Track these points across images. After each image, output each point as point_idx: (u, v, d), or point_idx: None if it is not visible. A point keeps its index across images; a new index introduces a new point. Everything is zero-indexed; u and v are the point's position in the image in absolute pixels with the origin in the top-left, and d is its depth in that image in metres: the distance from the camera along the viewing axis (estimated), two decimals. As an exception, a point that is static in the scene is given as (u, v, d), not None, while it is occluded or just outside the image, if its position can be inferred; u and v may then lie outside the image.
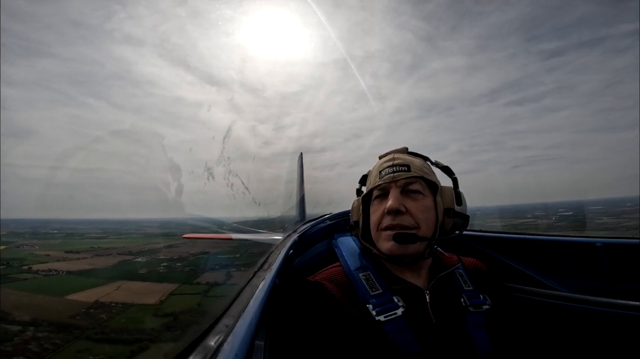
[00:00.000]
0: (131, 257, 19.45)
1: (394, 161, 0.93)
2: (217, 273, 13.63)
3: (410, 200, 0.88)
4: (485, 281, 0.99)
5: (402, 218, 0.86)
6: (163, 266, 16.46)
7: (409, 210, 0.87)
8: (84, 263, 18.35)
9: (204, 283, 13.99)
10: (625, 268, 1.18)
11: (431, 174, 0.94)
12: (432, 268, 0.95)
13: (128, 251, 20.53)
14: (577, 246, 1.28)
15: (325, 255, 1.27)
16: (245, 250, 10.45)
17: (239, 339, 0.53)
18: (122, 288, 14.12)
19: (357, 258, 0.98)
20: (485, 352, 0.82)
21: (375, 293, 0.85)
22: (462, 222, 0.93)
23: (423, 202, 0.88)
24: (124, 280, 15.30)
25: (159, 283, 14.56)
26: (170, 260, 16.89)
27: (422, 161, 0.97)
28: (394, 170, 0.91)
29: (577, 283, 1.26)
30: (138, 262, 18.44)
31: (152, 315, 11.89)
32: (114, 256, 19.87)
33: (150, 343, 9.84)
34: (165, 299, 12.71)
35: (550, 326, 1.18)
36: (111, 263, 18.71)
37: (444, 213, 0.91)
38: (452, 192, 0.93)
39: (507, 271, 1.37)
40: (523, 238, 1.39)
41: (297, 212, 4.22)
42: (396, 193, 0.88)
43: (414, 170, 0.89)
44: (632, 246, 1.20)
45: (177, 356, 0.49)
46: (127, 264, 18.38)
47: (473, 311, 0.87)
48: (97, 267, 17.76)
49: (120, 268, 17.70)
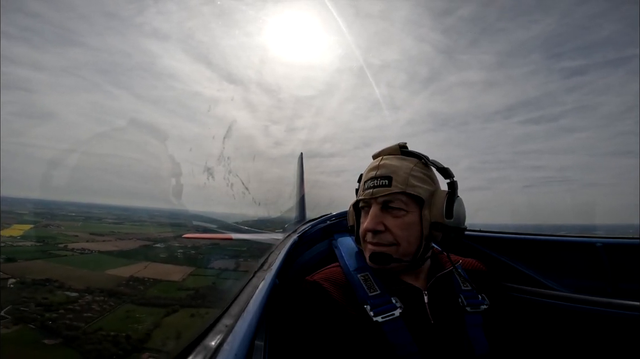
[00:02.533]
0: (150, 243, 22.10)
1: (377, 171, 0.89)
2: (227, 261, 16.42)
3: (390, 217, 0.86)
4: (484, 281, 0.97)
5: (381, 236, 0.85)
6: (180, 252, 19.37)
7: (388, 228, 0.85)
8: (110, 245, 21.17)
9: (216, 268, 17.08)
10: (625, 268, 1.17)
11: (421, 182, 0.87)
12: (430, 269, 0.94)
13: (146, 238, 23.16)
14: (577, 246, 1.27)
15: (325, 255, 1.26)
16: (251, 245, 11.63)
17: (238, 339, 0.53)
18: (148, 268, 17.22)
19: (356, 258, 0.97)
20: (483, 352, 0.82)
21: (373, 293, 0.84)
22: (454, 235, 0.84)
23: (404, 219, 0.85)
24: (148, 261, 18.32)
25: (179, 266, 17.58)
26: (185, 248, 19.64)
27: (414, 163, 0.90)
28: (374, 184, 0.87)
29: (577, 283, 1.24)
30: (157, 248, 21.22)
31: (177, 289, 15.23)
32: (135, 241, 22.51)
33: (179, 307, 13.29)
34: (186, 278, 16.04)
35: (550, 326, 1.17)
36: (133, 246, 21.39)
37: (431, 227, 0.85)
38: (444, 203, 0.84)
39: (507, 271, 1.35)
40: (523, 238, 1.38)
41: (297, 212, 4.29)
42: (375, 210, 0.87)
43: (395, 184, 0.85)
44: (632, 246, 1.18)
45: (177, 356, 0.48)
46: (148, 248, 21.08)
47: (471, 312, 0.87)
48: (123, 249, 20.67)
49: (143, 252, 20.42)
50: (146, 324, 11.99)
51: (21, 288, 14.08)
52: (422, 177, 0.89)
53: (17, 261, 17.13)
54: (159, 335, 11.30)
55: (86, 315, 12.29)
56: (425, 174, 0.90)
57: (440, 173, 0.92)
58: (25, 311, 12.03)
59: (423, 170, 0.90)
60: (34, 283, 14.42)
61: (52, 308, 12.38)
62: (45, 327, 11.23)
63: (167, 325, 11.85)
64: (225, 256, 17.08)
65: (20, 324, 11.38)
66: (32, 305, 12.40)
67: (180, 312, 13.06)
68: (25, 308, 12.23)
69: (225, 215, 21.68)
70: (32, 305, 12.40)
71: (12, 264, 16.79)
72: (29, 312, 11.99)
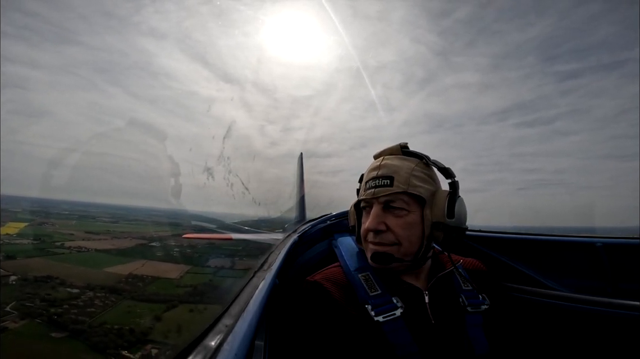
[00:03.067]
0: (146, 242, 22.27)
1: (379, 171, 0.89)
2: (223, 260, 16.99)
3: (392, 217, 0.87)
4: (485, 281, 0.98)
5: (383, 236, 0.86)
6: (176, 251, 19.83)
7: (390, 228, 0.86)
8: (106, 243, 21.47)
9: (212, 266, 17.50)
10: (626, 268, 1.17)
11: (422, 182, 0.88)
12: (431, 269, 0.94)
13: (142, 236, 23.30)
14: (577, 246, 1.28)
15: (326, 255, 1.26)
16: (247, 244, 12.11)
17: (239, 339, 0.53)
18: (146, 266, 17.67)
19: (356, 258, 0.97)
20: (484, 352, 0.83)
21: (374, 293, 0.85)
22: (455, 235, 0.86)
23: (406, 219, 0.86)
24: (145, 259, 18.77)
25: (175, 264, 18.04)
26: (181, 247, 20.05)
27: (415, 163, 0.90)
28: (376, 184, 0.88)
29: (577, 283, 1.25)
30: (154, 246, 21.52)
31: (175, 286, 15.86)
32: (130, 239, 22.78)
33: (178, 302, 13.87)
34: (183, 276, 16.60)
35: (550, 326, 1.17)
36: (130, 245, 21.66)
37: (432, 227, 0.86)
38: (445, 202, 0.85)
39: (507, 271, 1.35)
40: (523, 238, 1.39)
41: (297, 212, 4.33)
42: (377, 210, 0.87)
43: (397, 184, 0.86)
44: (632, 246, 1.19)
45: (177, 356, 0.49)
46: (144, 247, 21.31)
47: (471, 311, 0.87)
48: (119, 247, 20.94)
49: (139, 250, 20.68)
50: (147, 318, 12.66)
51: (23, 285, 14.53)
52: (424, 176, 0.90)
53: (16, 259, 17.51)
54: (160, 329, 12.00)
55: (89, 310, 12.86)
56: (426, 174, 0.91)
57: (442, 173, 0.92)
58: (31, 307, 12.58)
59: (424, 170, 0.91)
60: (36, 280, 14.87)
61: (56, 304, 12.94)
62: (52, 321, 11.82)
63: (168, 320, 12.49)
64: (222, 255, 17.66)
65: (27, 319, 11.94)
66: (37, 301, 12.99)
67: (179, 307, 13.68)
68: (30, 304, 12.77)
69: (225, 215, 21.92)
70: (37, 301, 12.99)
71: (12, 261, 17.18)
72: (34, 307, 12.55)
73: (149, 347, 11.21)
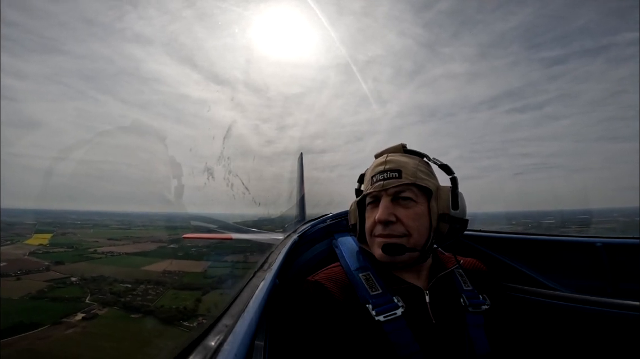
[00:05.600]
0: (164, 244, 25.25)
1: (386, 165, 0.91)
2: (237, 255, 18.80)
3: (401, 208, 0.88)
4: (485, 281, 0.99)
5: (393, 227, 0.87)
6: (193, 250, 23.36)
7: (400, 219, 0.87)
8: (131, 247, 25.00)
9: (229, 261, 19.78)
10: (625, 268, 1.18)
11: (427, 176, 0.92)
12: (432, 268, 0.95)
13: (159, 240, 26.36)
14: (577, 246, 1.28)
15: (326, 255, 1.27)
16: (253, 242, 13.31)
17: (239, 339, 0.53)
18: (173, 264, 21.47)
19: (357, 258, 0.98)
20: (484, 352, 0.83)
21: (375, 293, 0.85)
22: (459, 226, 0.89)
23: (415, 210, 0.88)
24: (170, 259, 22.34)
25: (197, 261, 21.78)
26: (197, 246, 23.12)
27: (418, 160, 0.94)
28: (385, 177, 0.90)
29: (577, 283, 1.25)
30: (172, 247, 24.57)
31: (203, 277, 20.18)
32: (150, 243, 25.93)
33: (210, 289, 18.37)
34: (206, 269, 20.89)
35: (550, 326, 1.17)
36: (152, 248, 24.80)
37: (439, 219, 0.89)
38: (449, 195, 0.90)
39: (507, 271, 1.36)
40: (523, 238, 1.39)
41: (297, 212, 4.37)
42: (386, 202, 0.89)
43: (405, 176, 0.88)
44: (632, 246, 1.19)
45: (177, 356, 0.49)
46: (165, 248, 24.31)
47: (472, 311, 0.88)
48: (144, 250, 24.49)
49: (162, 251, 23.79)
50: (191, 301, 16.98)
51: (85, 284, 18.33)
52: (427, 172, 0.94)
53: (64, 264, 20.96)
54: (203, 307, 16.40)
55: (149, 297, 17.30)
56: (428, 170, 0.95)
57: (443, 170, 0.95)
58: (104, 298, 16.90)
59: (426, 167, 0.96)
60: (94, 280, 18.85)
61: (121, 295, 17.28)
62: (126, 307, 16.27)
63: (206, 301, 16.91)
64: (236, 252, 19.97)
65: (107, 307, 16.29)
66: (108, 294, 17.43)
67: (211, 293, 18.07)
68: (104, 296, 17.13)
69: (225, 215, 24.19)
70: (107, 294, 17.44)
71: (62, 266, 20.65)
72: (107, 299, 16.90)
73: (200, 319, 16.20)
